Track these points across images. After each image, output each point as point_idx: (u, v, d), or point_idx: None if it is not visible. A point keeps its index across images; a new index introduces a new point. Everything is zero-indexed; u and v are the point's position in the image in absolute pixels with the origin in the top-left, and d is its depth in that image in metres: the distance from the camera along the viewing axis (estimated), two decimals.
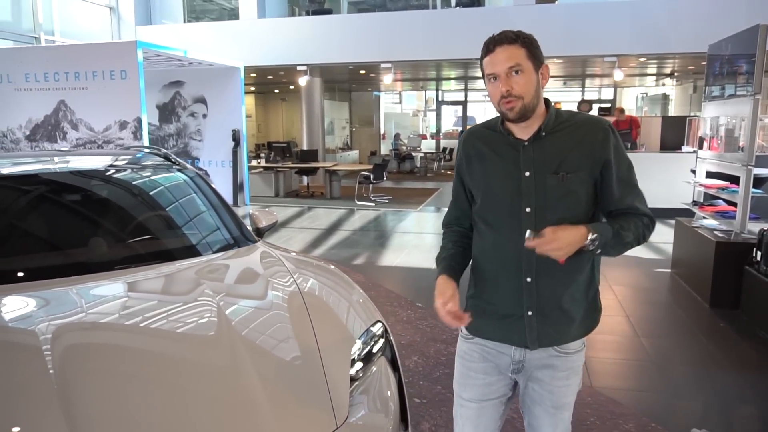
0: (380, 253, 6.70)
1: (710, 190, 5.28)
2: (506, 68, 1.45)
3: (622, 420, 2.88)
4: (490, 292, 1.61)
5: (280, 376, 1.80)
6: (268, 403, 1.65)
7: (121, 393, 1.60)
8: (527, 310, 1.55)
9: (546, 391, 1.62)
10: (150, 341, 1.86)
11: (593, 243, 1.43)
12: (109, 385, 1.62)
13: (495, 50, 1.47)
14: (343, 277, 2.56)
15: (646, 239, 1.55)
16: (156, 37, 10.96)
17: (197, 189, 2.97)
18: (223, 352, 1.79)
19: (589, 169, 1.51)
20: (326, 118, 15.41)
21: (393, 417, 1.91)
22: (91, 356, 1.75)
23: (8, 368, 1.64)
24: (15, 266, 2.28)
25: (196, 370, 1.73)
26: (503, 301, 1.58)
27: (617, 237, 1.47)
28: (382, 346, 2.12)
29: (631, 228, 1.50)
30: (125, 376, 1.66)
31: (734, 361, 3.72)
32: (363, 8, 12.33)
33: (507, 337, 1.60)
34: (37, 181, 2.69)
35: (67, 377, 1.58)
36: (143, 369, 1.71)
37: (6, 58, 8.68)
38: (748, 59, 4.59)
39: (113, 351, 1.80)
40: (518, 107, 1.46)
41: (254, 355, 1.82)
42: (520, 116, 1.48)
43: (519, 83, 1.46)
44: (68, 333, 1.82)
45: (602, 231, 1.45)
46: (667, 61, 11.48)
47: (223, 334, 1.86)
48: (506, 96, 1.46)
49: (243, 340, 1.86)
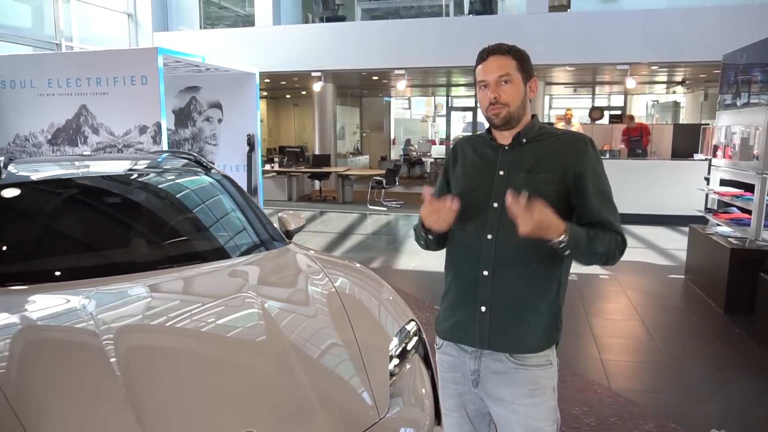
0: (395, 257, 6.80)
1: (724, 198, 5.35)
2: (496, 77, 1.53)
3: (642, 420, 2.96)
4: (454, 286, 1.65)
5: (325, 373, 1.90)
6: (317, 399, 1.75)
7: (186, 396, 1.66)
8: (481, 305, 1.56)
9: (511, 412, 1.56)
10: (204, 345, 1.93)
11: (563, 240, 1.43)
12: (174, 388, 1.69)
13: (488, 59, 1.55)
14: (372, 275, 2.67)
15: (615, 260, 1.54)
16: (173, 43, 11.15)
17: (230, 192, 3.09)
18: (274, 355, 1.88)
19: (560, 175, 1.53)
20: (338, 123, 15.54)
21: (429, 412, 2.00)
22: (153, 359, 1.82)
23: (76, 368, 1.72)
24: (62, 265, 2.39)
25: (251, 372, 1.82)
26: (462, 294, 1.61)
27: (590, 243, 1.48)
28: (415, 344, 2.22)
29: (605, 240, 1.50)
30: (188, 380, 1.73)
31: (750, 365, 3.78)
32: (376, 15, 12.47)
33: (463, 336, 1.61)
34: (79, 184, 2.81)
35: (133, 379, 1.65)
36: (201, 372, 1.77)
37: (30, 63, 8.87)
38: (763, 69, 4.67)
39: (173, 354, 1.88)
40: (504, 114, 1.54)
41: (302, 357, 1.91)
42: (504, 123, 1.56)
43: (507, 92, 1.53)
44: (128, 335, 1.90)
45: (576, 232, 1.46)
46: (679, 69, 11.54)
47: (272, 337, 1.95)
48: (494, 102, 1.54)
49: (290, 342, 1.95)
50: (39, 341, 1.88)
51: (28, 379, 1.64)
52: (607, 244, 1.50)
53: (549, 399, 1.58)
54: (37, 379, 1.65)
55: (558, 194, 1.53)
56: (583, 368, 3.63)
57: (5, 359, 1.74)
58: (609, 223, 1.53)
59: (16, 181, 2.71)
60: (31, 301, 2.11)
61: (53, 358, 1.77)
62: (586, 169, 1.53)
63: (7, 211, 2.60)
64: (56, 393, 1.61)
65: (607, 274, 5.85)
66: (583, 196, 1.54)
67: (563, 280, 1.61)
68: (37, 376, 1.66)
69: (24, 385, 1.61)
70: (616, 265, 1.61)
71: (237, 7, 14.04)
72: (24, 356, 1.76)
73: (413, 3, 12.42)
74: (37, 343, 1.86)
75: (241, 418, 1.62)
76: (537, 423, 1.55)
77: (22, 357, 1.76)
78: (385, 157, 18.68)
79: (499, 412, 1.59)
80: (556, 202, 1.52)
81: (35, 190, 2.75)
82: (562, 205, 1.53)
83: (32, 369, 1.69)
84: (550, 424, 1.57)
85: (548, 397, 1.57)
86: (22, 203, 2.66)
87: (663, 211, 8.84)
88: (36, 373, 1.67)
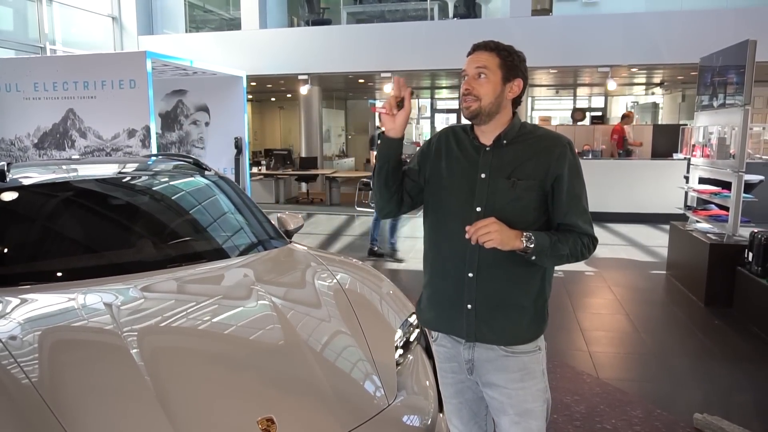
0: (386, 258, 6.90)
1: (703, 195, 5.55)
2: (473, 69, 1.57)
3: (629, 407, 3.11)
4: (438, 282, 1.69)
5: (337, 364, 2.02)
6: (330, 388, 1.86)
7: (210, 395, 1.73)
8: (467, 303, 1.62)
9: (504, 396, 1.64)
10: (223, 344, 1.99)
11: (528, 243, 1.50)
12: (199, 387, 1.75)
13: (474, 53, 1.59)
14: (372, 270, 2.79)
15: (584, 257, 1.60)
16: (158, 46, 11.13)
17: (233, 193, 3.18)
18: (290, 350, 1.98)
19: (540, 180, 1.57)
20: (323, 125, 15.61)
21: (433, 400, 2.11)
22: (178, 360, 1.88)
23: (104, 370, 1.77)
24: (74, 266, 2.46)
25: (270, 368, 1.91)
26: (448, 292, 1.66)
27: (554, 248, 1.53)
28: (417, 336, 2.33)
29: (568, 243, 1.56)
30: (211, 380, 1.79)
31: (729, 354, 3.97)
32: (361, 19, 12.56)
33: (451, 328, 1.68)
34: (87, 187, 2.87)
35: (160, 381, 1.71)
36: (223, 371, 1.84)
37: (15, 67, 8.82)
38: (738, 71, 4.87)
39: (195, 353, 1.94)
40: (474, 107, 1.56)
41: (315, 350, 2.01)
42: (472, 116, 1.58)
43: (481, 86, 1.55)
44: (151, 335, 1.96)
45: (539, 239, 1.51)
46: (657, 71, 11.83)
47: (287, 333, 2.04)
48: (465, 94, 1.57)
49: (304, 337, 2.05)
50: (65, 342, 1.94)
51: (60, 382, 1.68)
52: (571, 245, 1.56)
53: (539, 382, 1.66)
54: (69, 381, 1.70)
55: (538, 201, 1.59)
56: (573, 360, 3.77)
57: (36, 361, 1.77)
58: (575, 225, 1.58)
59: (22, 184, 2.76)
60: (48, 302, 2.17)
61: (81, 360, 1.82)
62: (564, 172, 1.58)
63: (14, 212, 2.65)
64: (90, 395, 1.67)
65: (592, 270, 6.02)
66: (558, 197, 1.59)
67: (548, 274, 1.67)
68: (68, 378, 1.71)
69: (58, 388, 1.66)
70: (601, 262, 1.72)
71: (222, 11, 14.04)
72: (53, 358, 1.81)
73: (398, 7, 12.54)
74: (63, 345, 1.92)
75: (263, 409, 1.70)
76: (528, 405, 1.64)
77: (51, 359, 1.81)
78: (370, 159, 18.79)
79: (493, 395, 1.67)
80: (538, 209, 1.59)
81: (42, 193, 2.80)
82: (544, 211, 1.60)
83: (63, 371, 1.74)
84: (540, 405, 1.66)
85: (538, 380, 1.66)
86: (31, 205, 2.71)
87: (644, 210, 9.08)
88: (66, 375, 1.72)
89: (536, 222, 1.60)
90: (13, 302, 2.13)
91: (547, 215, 1.62)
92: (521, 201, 1.57)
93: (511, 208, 1.57)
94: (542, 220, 1.61)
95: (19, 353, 1.78)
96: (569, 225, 1.59)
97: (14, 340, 1.85)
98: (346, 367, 2.03)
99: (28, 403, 1.59)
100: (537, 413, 1.65)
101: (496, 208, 1.57)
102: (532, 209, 1.59)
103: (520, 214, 1.57)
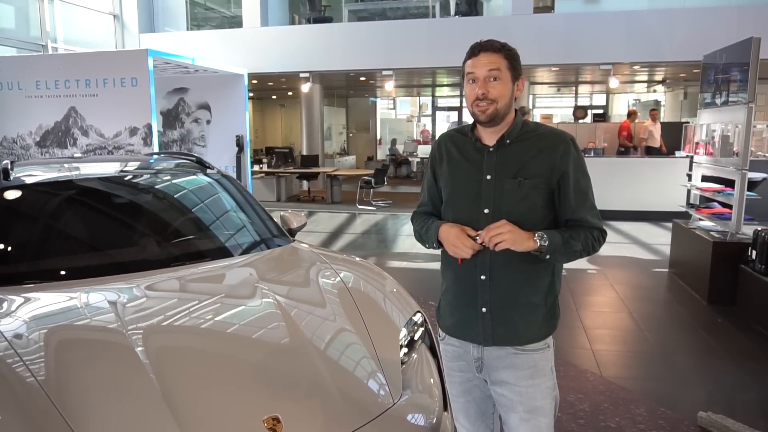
0: (388, 255, 6.91)
1: (706, 193, 5.54)
2: (486, 71, 1.54)
3: (633, 405, 3.10)
4: (454, 288, 1.71)
5: (342, 363, 2.01)
6: (336, 387, 1.85)
7: (215, 393, 1.72)
8: (482, 306, 1.63)
9: (514, 393, 1.64)
10: (228, 343, 1.99)
11: (542, 243, 1.51)
12: (206, 388, 1.75)
13: (479, 54, 1.56)
14: (375, 269, 2.78)
15: (596, 250, 1.62)
16: (159, 44, 11.13)
17: (237, 192, 3.18)
18: (295, 349, 1.97)
19: (546, 178, 1.58)
20: (324, 123, 15.60)
21: (438, 399, 2.11)
22: (183, 359, 1.88)
23: (109, 369, 1.77)
24: (78, 264, 2.45)
25: (275, 367, 1.91)
26: (462, 297, 1.67)
27: (566, 244, 1.55)
28: (422, 334, 2.33)
29: (580, 238, 1.57)
30: (215, 379, 1.79)
31: (733, 352, 3.96)
32: (363, 17, 12.56)
33: (466, 334, 1.68)
34: (91, 186, 2.87)
35: (166, 379, 1.71)
36: (228, 370, 1.84)
37: (17, 65, 8.82)
38: (742, 69, 4.86)
39: (200, 353, 1.93)
40: (491, 110, 1.55)
41: (320, 349, 2.01)
42: (490, 119, 1.57)
43: (496, 88, 1.55)
44: (155, 334, 1.95)
45: (552, 237, 1.53)
46: (660, 69, 11.81)
47: (292, 332, 2.03)
48: (481, 98, 1.55)
49: (309, 336, 2.04)
50: (70, 341, 1.94)
51: (65, 380, 1.68)
52: (583, 240, 1.58)
53: (548, 379, 1.67)
54: (75, 380, 1.69)
55: (545, 199, 1.60)
56: (576, 358, 3.77)
57: (42, 360, 1.77)
58: (584, 220, 1.60)
59: (25, 183, 2.76)
60: (52, 300, 2.16)
61: (87, 359, 1.82)
62: (569, 169, 1.59)
63: (18, 211, 2.65)
64: (95, 394, 1.66)
65: (595, 268, 6.02)
66: (565, 194, 1.60)
67: (557, 270, 1.68)
68: (74, 376, 1.71)
69: (63, 386, 1.65)
70: (603, 260, 1.73)
71: (223, 9, 14.03)
72: (58, 357, 1.81)
73: (399, 4, 12.54)
74: (68, 343, 1.92)
75: (269, 408, 1.70)
76: (538, 402, 1.65)
77: (56, 357, 1.80)
78: (372, 157, 18.77)
79: (502, 393, 1.67)
80: (545, 207, 1.60)
81: (45, 192, 2.79)
82: (551, 208, 1.62)
83: (68, 370, 1.74)
84: (549, 402, 1.67)
85: (547, 378, 1.67)
86: (34, 204, 2.71)
87: (647, 208, 9.07)
88: (72, 374, 1.72)
89: (544, 220, 1.61)
90: (17, 301, 2.13)
91: (554, 213, 1.63)
92: (528, 200, 1.58)
93: (519, 208, 1.58)
94: (549, 218, 1.62)
95: (24, 352, 1.78)
96: (578, 220, 1.60)
97: (19, 338, 1.85)
98: (350, 366, 2.02)
99: (34, 402, 1.59)
100: (546, 410, 1.66)
101: (504, 209, 1.58)
102: (540, 207, 1.60)
103: (527, 213, 1.58)
